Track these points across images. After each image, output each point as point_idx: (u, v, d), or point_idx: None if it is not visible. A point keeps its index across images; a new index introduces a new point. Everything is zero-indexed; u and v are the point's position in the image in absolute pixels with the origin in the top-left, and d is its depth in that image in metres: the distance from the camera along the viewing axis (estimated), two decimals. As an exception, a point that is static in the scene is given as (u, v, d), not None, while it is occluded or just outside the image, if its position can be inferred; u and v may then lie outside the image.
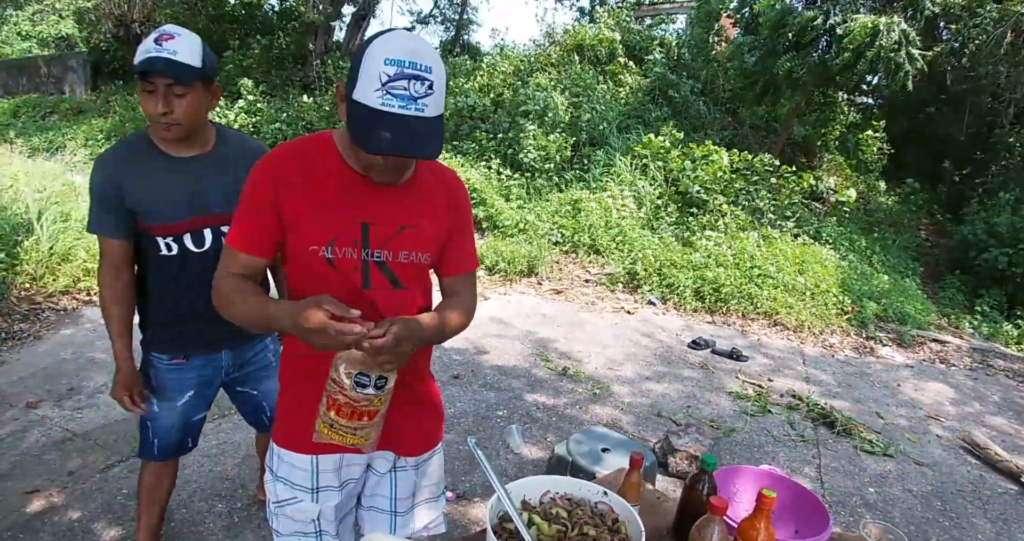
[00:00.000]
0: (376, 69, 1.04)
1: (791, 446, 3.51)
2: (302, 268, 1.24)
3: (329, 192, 1.21)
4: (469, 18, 18.44)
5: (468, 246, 1.42)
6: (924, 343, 5.65)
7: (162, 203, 1.68)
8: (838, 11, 7.48)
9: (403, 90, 1.04)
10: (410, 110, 1.05)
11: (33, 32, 18.69)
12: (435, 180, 1.34)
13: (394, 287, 1.28)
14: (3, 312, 4.28)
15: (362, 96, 1.05)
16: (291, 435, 1.34)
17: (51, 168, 7.38)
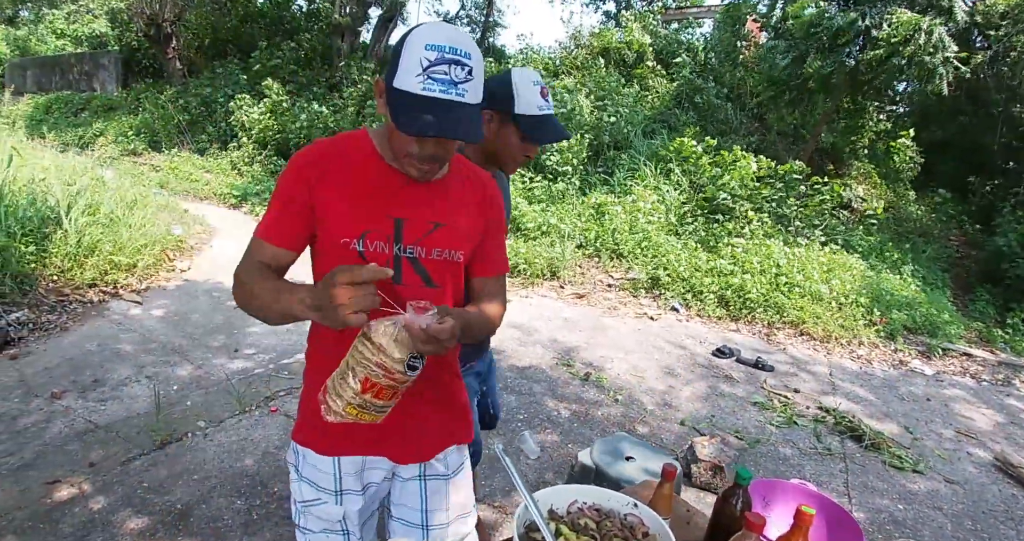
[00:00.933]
0: (417, 55, 1.04)
1: (818, 459, 3.43)
2: (333, 261, 1.17)
3: (363, 186, 1.19)
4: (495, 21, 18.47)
5: (500, 248, 1.40)
6: (954, 357, 5.50)
7: None
8: (875, 14, 7.34)
9: (444, 75, 1.04)
10: (451, 95, 1.05)
11: (68, 30, 19.09)
12: (470, 180, 1.33)
13: (426, 285, 1.25)
14: (32, 303, 4.34)
15: (403, 83, 1.06)
16: (314, 435, 1.30)
17: (81, 162, 7.50)
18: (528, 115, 1.58)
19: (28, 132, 11.48)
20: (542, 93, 1.59)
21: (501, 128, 1.63)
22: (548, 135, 1.62)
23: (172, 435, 3.01)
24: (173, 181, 9.84)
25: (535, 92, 1.58)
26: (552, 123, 1.62)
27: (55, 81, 17.23)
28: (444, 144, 1.14)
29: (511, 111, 1.58)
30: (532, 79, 1.59)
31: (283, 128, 10.64)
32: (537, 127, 1.60)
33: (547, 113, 1.60)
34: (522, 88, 1.57)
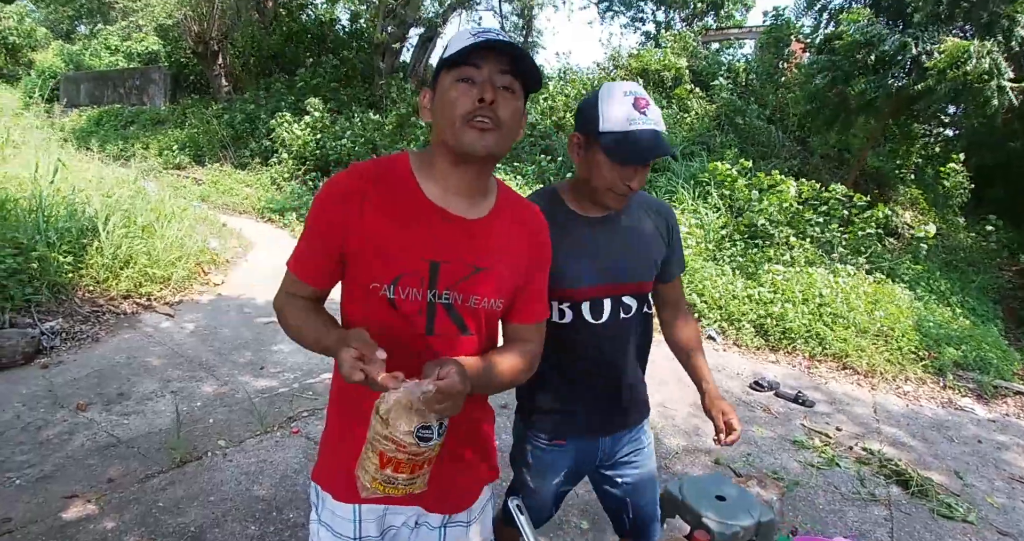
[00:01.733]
0: (463, 34, 1.08)
1: (860, 505, 3.21)
2: (361, 304, 1.14)
3: (399, 224, 1.10)
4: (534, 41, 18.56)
5: (542, 292, 1.29)
6: (1008, 395, 5.19)
7: (580, 263, 1.51)
8: (927, 37, 7.11)
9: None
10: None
11: (121, 47, 19.83)
12: (517, 216, 1.23)
13: (461, 333, 1.15)
14: (66, 313, 4.40)
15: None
16: (336, 480, 1.23)
17: (125, 174, 7.68)
18: (613, 131, 1.37)
19: (78, 144, 11.87)
20: (637, 104, 1.37)
21: (588, 152, 1.44)
22: (632, 151, 1.37)
23: (192, 453, 2.97)
24: (214, 194, 10.04)
25: (625, 103, 1.37)
26: (639, 138, 1.36)
27: (107, 95, 17.88)
28: (500, 95, 1.07)
29: (596, 130, 1.39)
30: (624, 89, 1.39)
31: (323, 145, 10.80)
32: (620, 143, 1.37)
33: (636, 128, 1.36)
34: (608, 101, 1.38)
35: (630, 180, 1.42)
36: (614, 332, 1.56)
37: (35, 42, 22.31)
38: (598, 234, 1.52)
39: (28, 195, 5.24)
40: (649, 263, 1.58)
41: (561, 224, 1.46)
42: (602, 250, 1.52)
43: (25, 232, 4.55)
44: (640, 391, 1.70)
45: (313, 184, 10.36)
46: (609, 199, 1.46)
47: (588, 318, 1.52)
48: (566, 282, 1.48)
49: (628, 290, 1.55)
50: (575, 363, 1.57)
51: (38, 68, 20.51)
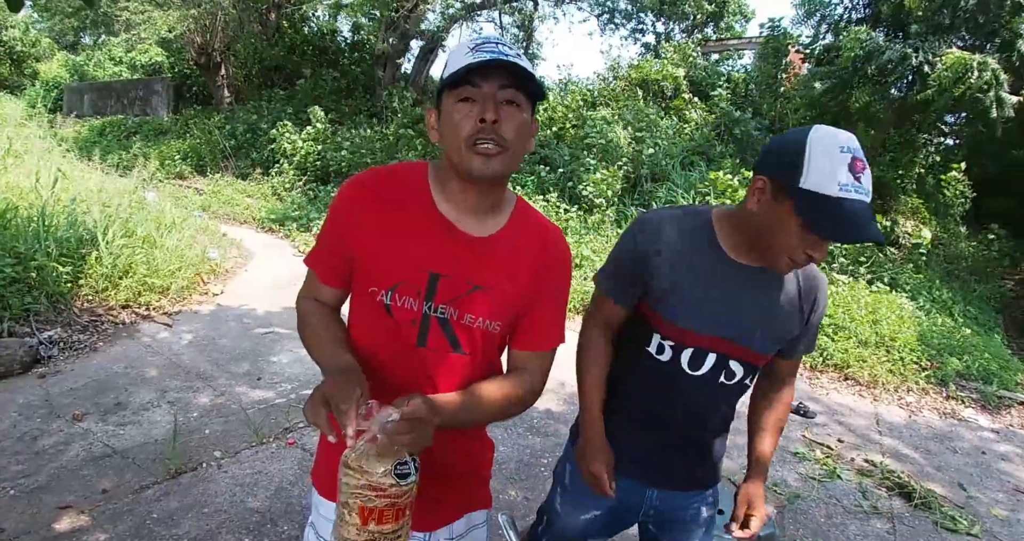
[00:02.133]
0: (462, 48, 1.04)
1: (863, 518, 3.18)
2: (361, 308, 1.16)
3: (405, 232, 1.10)
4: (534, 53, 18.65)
5: (556, 320, 1.24)
6: (1011, 406, 5.15)
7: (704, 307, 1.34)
8: (928, 50, 7.14)
9: (493, 47, 1.03)
10: (505, 57, 1.02)
11: (125, 58, 19.97)
12: (531, 237, 1.18)
13: (453, 350, 1.13)
14: (64, 322, 4.39)
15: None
16: (324, 476, 1.23)
17: (126, 184, 7.70)
18: (817, 193, 1.11)
19: (80, 154, 11.91)
20: (854, 166, 1.10)
21: (775, 204, 1.18)
22: (839, 227, 1.11)
23: (187, 464, 2.95)
24: (215, 205, 10.05)
25: (840, 162, 1.10)
26: (852, 212, 1.10)
27: (110, 105, 17.99)
28: (503, 113, 1.04)
29: (793, 183, 1.13)
30: (840, 144, 1.11)
31: (324, 155, 10.82)
32: (825, 213, 1.11)
33: (847, 197, 1.09)
34: (818, 153, 1.11)
35: (815, 251, 1.19)
36: (707, 390, 1.38)
37: (40, 52, 22.49)
38: (740, 286, 1.32)
39: (29, 205, 5.25)
40: (777, 338, 1.37)
41: (703, 257, 1.32)
42: (735, 305, 1.32)
43: (25, 241, 4.55)
44: (712, 458, 1.53)
45: (314, 194, 10.38)
46: (780, 264, 1.24)
47: (684, 366, 1.36)
48: (680, 320, 1.33)
49: (740, 356, 1.35)
50: (653, 402, 1.44)
51: (42, 78, 20.64)
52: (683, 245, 1.33)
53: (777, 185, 1.17)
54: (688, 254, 1.32)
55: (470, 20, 15.13)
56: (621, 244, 1.41)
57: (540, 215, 1.24)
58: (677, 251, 1.32)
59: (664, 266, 1.33)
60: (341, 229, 1.14)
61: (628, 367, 1.46)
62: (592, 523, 1.56)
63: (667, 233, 1.34)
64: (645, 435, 1.47)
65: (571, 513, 1.58)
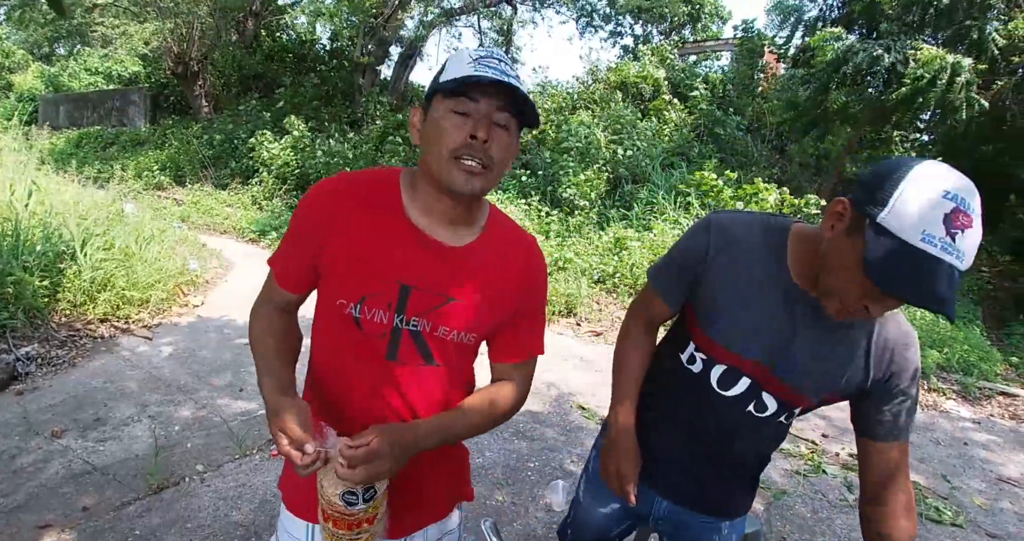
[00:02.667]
0: (464, 56, 1.02)
1: (848, 512, 3.21)
2: (328, 319, 1.12)
3: (375, 241, 1.06)
4: (513, 57, 18.72)
5: (536, 331, 1.23)
6: (992, 397, 5.23)
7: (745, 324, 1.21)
8: (899, 48, 7.26)
9: (496, 63, 1.00)
10: (505, 79, 0.98)
11: (101, 67, 19.75)
12: (507, 248, 1.16)
13: (426, 363, 1.11)
14: (42, 338, 4.32)
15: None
16: (293, 493, 1.22)
17: (103, 196, 7.60)
18: (893, 235, 0.92)
19: (57, 166, 11.74)
20: (951, 218, 0.90)
21: (847, 236, 1.01)
22: (902, 283, 0.92)
23: (169, 479, 2.90)
24: (195, 215, 9.95)
25: (935, 207, 0.90)
26: (926, 271, 0.90)
27: (86, 116, 17.77)
28: (495, 134, 1.02)
29: (872, 216, 0.95)
30: (945, 188, 0.91)
31: (303, 164, 10.76)
32: (891, 261, 0.92)
33: (932, 253, 0.90)
34: (913, 189, 0.92)
35: (873, 305, 1.01)
36: (737, 415, 1.25)
37: (14, 64, 22.17)
38: (795, 316, 1.17)
39: (3, 218, 5.16)
40: (825, 385, 1.20)
41: (765, 274, 1.19)
42: (785, 334, 1.17)
43: (1, 257, 4.47)
44: (732, 486, 1.38)
45: (294, 203, 10.31)
46: (830, 306, 1.07)
47: (714, 383, 1.25)
48: (717, 334, 1.23)
49: (775, 390, 1.21)
50: (686, 409, 1.32)
51: (17, 90, 20.36)
52: (749, 255, 1.19)
53: (857, 215, 1.00)
54: (750, 266, 1.19)
55: (449, 26, 15.14)
56: (686, 240, 1.28)
57: (515, 224, 1.22)
58: (741, 260, 1.20)
59: (721, 272, 1.21)
60: (307, 236, 1.10)
61: (665, 369, 1.38)
62: (611, 517, 1.49)
63: (738, 238, 1.21)
64: (672, 441, 1.36)
65: (592, 504, 1.51)
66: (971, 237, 0.91)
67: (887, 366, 1.16)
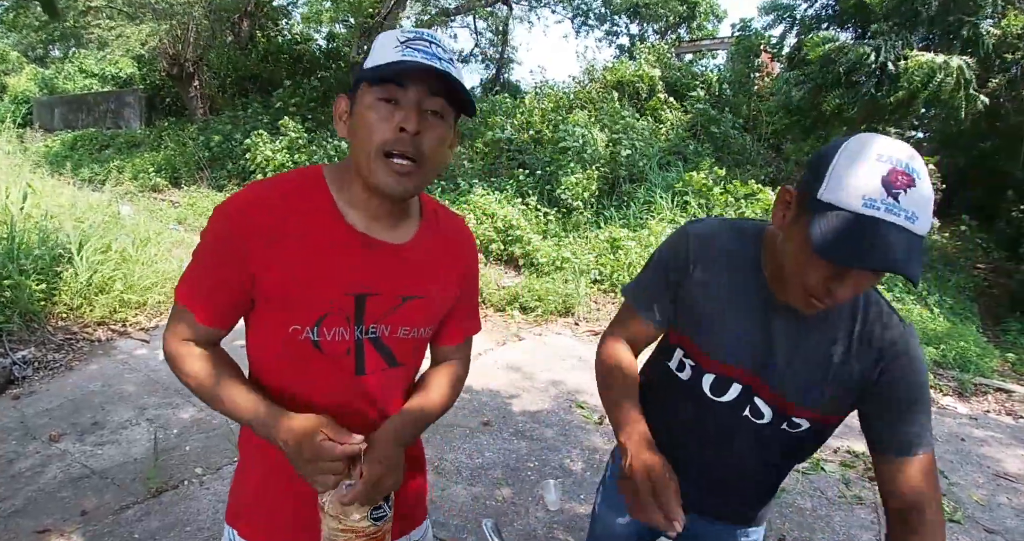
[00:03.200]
0: (391, 37, 0.94)
1: (847, 509, 3.22)
2: (277, 349, 1.02)
3: (318, 255, 0.96)
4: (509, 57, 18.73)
5: (473, 310, 1.24)
6: (987, 392, 5.25)
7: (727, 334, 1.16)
8: (890, 48, 7.28)
9: (426, 46, 0.92)
10: (437, 64, 0.90)
11: (95, 69, 19.69)
12: (442, 235, 1.12)
13: (389, 366, 1.08)
14: (39, 341, 4.31)
15: (379, 60, 0.90)
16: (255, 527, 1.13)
17: (99, 199, 7.58)
18: (833, 205, 0.90)
19: (52, 169, 11.71)
20: (888, 180, 0.87)
21: (794, 221, 0.99)
22: (852, 250, 0.87)
23: (168, 483, 2.90)
24: (191, 217, 9.92)
25: (871, 171, 0.88)
26: (875, 234, 0.86)
27: (81, 119, 17.72)
28: (426, 124, 0.93)
29: (812, 192, 0.93)
30: (877, 151, 0.89)
31: (299, 164, 10.74)
32: (837, 230, 0.89)
33: (874, 215, 0.86)
34: (846, 160, 0.90)
35: (836, 287, 0.95)
36: (731, 420, 1.20)
37: (8, 67, 22.10)
38: (775, 317, 1.13)
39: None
40: (813, 388, 1.14)
41: (741, 280, 1.15)
42: (765, 339, 1.14)
43: (-4, 260, 4.47)
44: (744, 499, 1.33)
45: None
46: (797, 300, 1.03)
47: (706, 390, 1.21)
48: (702, 340, 1.19)
49: (766, 396, 1.16)
50: (684, 411, 1.27)
51: (11, 93, 20.29)
52: (725, 264, 1.16)
53: (800, 198, 0.98)
54: (728, 275, 1.16)
55: (444, 25, 15.13)
56: (663, 253, 1.23)
57: (445, 208, 1.18)
58: (718, 269, 1.17)
59: (701, 283, 1.17)
60: (230, 265, 0.96)
61: (657, 376, 1.33)
62: (631, 527, 1.42)
63: (715, 248, 1.17)
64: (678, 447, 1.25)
65: (609, 515, 1.45)
66: (917, 195, 0.88)
67: (876, 365, 1.09)
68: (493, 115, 10.84)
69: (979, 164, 9.62)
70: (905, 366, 1.08)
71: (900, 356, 1.08)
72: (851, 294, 0.96)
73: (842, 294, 0.95)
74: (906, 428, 1.08)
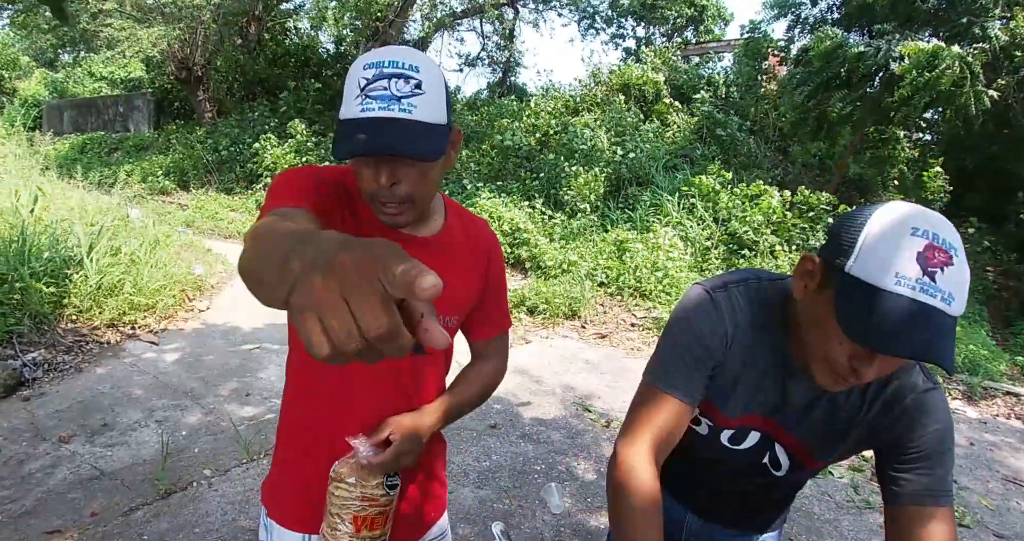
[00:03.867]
0: (356, 77, 0.93)
1: (855, 513, 3.20)
2: None
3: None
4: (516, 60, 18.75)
5: (502, 306, 1.31)
6: (997, 396, 5.21)
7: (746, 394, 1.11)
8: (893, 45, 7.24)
9: (383, 90, 0.90)
10: (392, 111, 0.89)
11: (104, 73, 19.82)
12: (467, 232, 1.20)
13: (415, 352, 1.11)
14: (48, 343, 4.34)
15: (345, 112, 0.93)
16: (283, 508, 1.22)
17: (108, 202, 7.63)
18: (862, 281, 0.83)
19: (61, 172, 11.79)
20: (924, 257, 0.80)
21: (818, 293, 0.93)
22: (879, 334, 0.81)
23: (177, 484, 2.92)
24: (199, 220, 9.99)
25: (903, 246, 0.81)
26: (905, 315, 0.80)
27: (91, 122, 17.84)
28: (400, 173, 0.95)
29: (840, 266, 0.87)
30: (911, 224, 0.83)
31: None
32: (864, 309, 0.82)
33: (905, 294, 0.80)
34: (877, 230, 0.84)
35: (863, 367, 0.89)
36: (752, 466, 1.18)
37: (19, 70, 22.28)
38: (791, 380, 1.07)
39: (9, 225, 5.19)
40: (828, 449, 1.12)
41: (762, 344, 1.07)
42: (781, 396, 1.09)
43: (7, 262, 4.50)
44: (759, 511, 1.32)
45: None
46: (822, 376, 0.97)
47: (725, 442, 1.16)
48: (720, 406, 1.13)
49: (786, 443, 1.13)
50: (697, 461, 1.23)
51: (21, 96, 20.45)
52: (750, 331, 1.07)
53: (826, 268, 0.91)
54: (751, 339, 1.07)
55: (451, 29, 15.18)
56: (699, 324, 1.07)
57: (467, 210, 1.26)
58: (745, 337, 1.07)
59: (735, 357, 1.08)
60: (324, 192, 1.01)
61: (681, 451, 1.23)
62: None
63: (742, 319, 1.07)
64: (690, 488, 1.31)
65: None
66: (954, 275, 0.81)
67: (891, 420, 1.04)
68: (500, 118, 10.86)
69: (987, 166, 9.58)
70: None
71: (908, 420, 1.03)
72: (879, 375, 0.91)
73: (867, 375, 0.90)
74: (924, 479, 1.01)
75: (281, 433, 1.25)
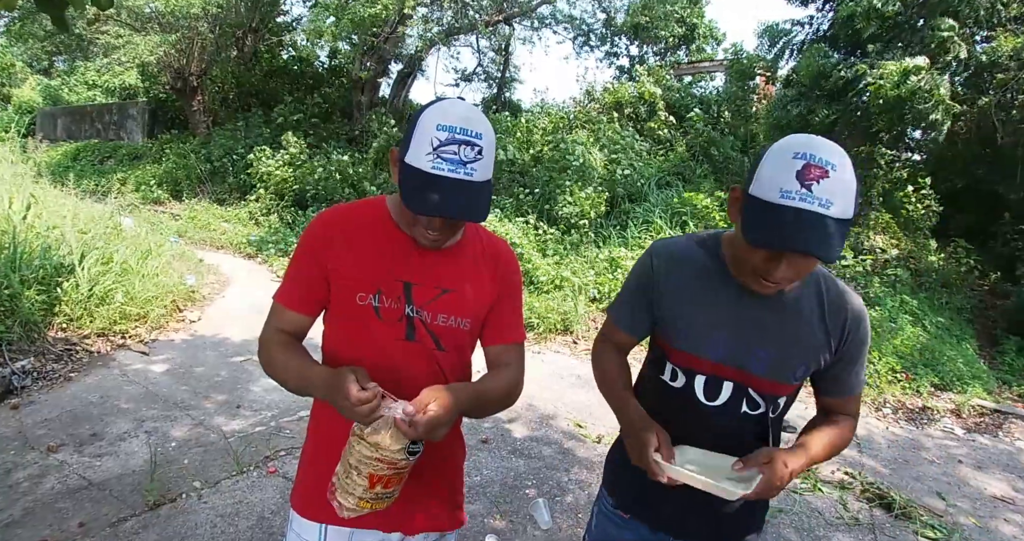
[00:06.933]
0: (428, 135, 1.08)
1: (844, 530, 3.22)
2: (346, 316, 1.26)
3: (373, 248, 1.24)
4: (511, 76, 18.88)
5: (515, 317, 1.40)
6: (985, 414, 5.26)
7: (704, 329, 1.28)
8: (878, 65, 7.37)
9: (453, 154, 1.07)
10: (459, 174, 1.08)
11: (99, 81, 19.81)
12: (483, 249, 1.34)
13: (436, 348, 1.28)
14: (38, 352, 4.31)
15: (414, 160, 1.09)
16: (305, 500, 1.32)
17: (101, 210, 7.60)
18: (758, 199, 1.07)
19: (54, 179, 11.73)
20: (802, 174, 1.01)
21: (739, 214, 1.15)
22: (769, 235, 1.05)
23: (166, 496, 2.90)
24: (192, 230, 9.97)
25: (787, 167, 1.03)
26: (789, 221, 1.02)
27: (84, 130, 17.80)
28: (452, 222, 1.17)
29: (747, 190, 1.11)
30: (795, 150, 1.04)
31: (301, 179, 10.77)
32: (759, 219, 1.07)
33: (786, 204, 1.02)
34: (772, 160, 1.07)
35: (774, 269, 1.11)
36: (728, 422, 1.30)
37: (13, 77, 22.23)
38: (747, 309, 1.26)
39: (0, 232, 5.16)
40: (795, 365, 1.27)
41: (711, 281, 1.28)
42: (741, 330, 1.26)
43: (-3, 270, 4.48)
44: (742, 507, 1.34)
45: (291, 219, 10.31)
46: (755, 283, 1.19)
47: (700, 395, 1.30)
48: (686, 344, 1.29)
49: (756, 386, 1.28)
50: (682, 428, 1.29)
51: (15, 103, 20.39)
52: (693, 269, 1.30)
53: (742, 195, 1.14)
54: (697, 278, 1.29)
55: (448, 45, 15.28)
56: (634, 271, 1.39)
57: (487, 230, 1.41)
58: (687, 276, 1.30)
59: (673, 291, 1.31)
60: (312, 260, 1.26)
61: (650, 391, 1.40)
62: None
63: (678, 258, 1.32)
64: None
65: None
66: (831, 184, 1.01)
67: (843, 329, 1.26)
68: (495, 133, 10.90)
69: (975, 187, 9.70)
70: (864, 327, 1.28)
71: (862, 320, 1.27)
72: (791, 274, 1.12)
73: (781, 275, 1.11)
74: (856, 376, 1.32)
75: (309, 441, 1.38)
